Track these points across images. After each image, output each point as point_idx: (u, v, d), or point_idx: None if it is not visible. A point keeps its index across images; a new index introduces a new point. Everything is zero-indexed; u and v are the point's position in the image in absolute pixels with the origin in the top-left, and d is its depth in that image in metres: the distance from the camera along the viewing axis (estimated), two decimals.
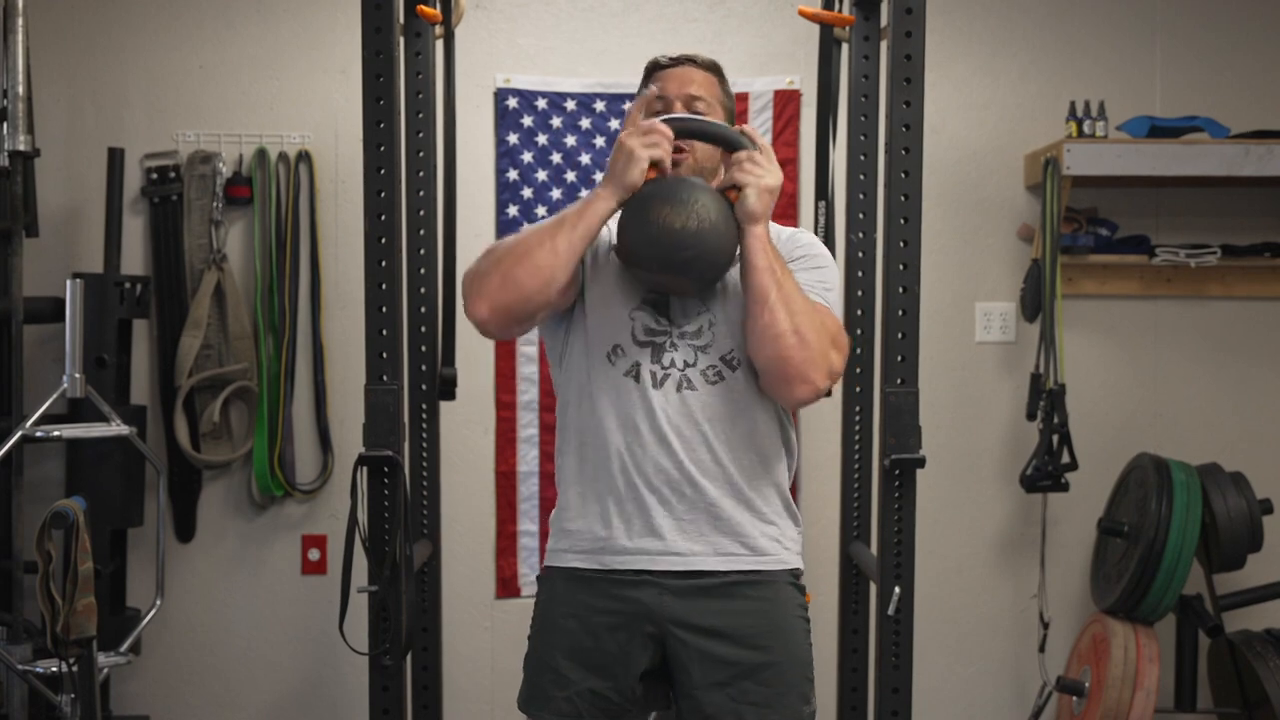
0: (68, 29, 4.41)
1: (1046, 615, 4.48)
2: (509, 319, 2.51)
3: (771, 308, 2.43)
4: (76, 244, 4.40)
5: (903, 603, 3.05)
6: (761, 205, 2.47)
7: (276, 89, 4.47)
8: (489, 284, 2.48)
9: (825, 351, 2.47)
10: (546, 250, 2.44)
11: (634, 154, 2.45)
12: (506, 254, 2.49)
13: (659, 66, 2.70)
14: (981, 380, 4.60)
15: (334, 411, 4.47)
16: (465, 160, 4.03)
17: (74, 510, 3.42)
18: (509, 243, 2.52)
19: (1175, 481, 4.17)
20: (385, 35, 2.99)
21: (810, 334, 2.44)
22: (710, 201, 2.45)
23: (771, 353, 2.45)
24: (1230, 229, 4.55)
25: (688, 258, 2.43)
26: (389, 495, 3.03)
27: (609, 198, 2.47)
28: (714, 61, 2.72)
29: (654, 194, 2.46)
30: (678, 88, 2.64)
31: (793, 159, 4.47)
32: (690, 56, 2.69)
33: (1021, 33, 4.58)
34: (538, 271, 2.45)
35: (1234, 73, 4.59)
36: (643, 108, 2.66)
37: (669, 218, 2.42)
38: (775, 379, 2.49)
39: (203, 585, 4.49)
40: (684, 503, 2.52)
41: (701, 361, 2.54)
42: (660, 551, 2.52)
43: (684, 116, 2.57)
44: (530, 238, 2.48)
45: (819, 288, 2.58)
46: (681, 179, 2.51)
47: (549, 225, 2.48)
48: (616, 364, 2.54)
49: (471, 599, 4.50)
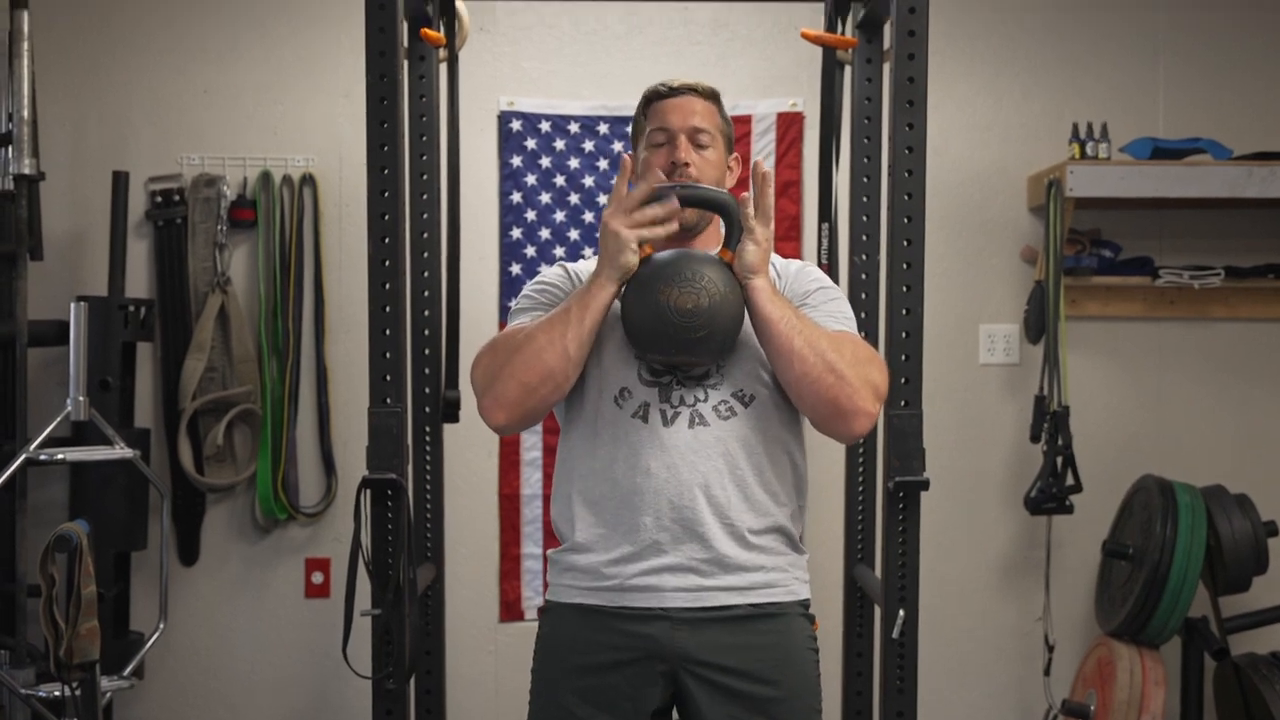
0: (73, 53, 4.43)
1: (1051, 638, 4.46)
2: (526, 421, 2.52)
3: (800, 356, 2.41)
4: (81, 267, 4.41)
5: (907, 626, 3.04)
6: (761, 258, 2.45)
7: (281, 112, 4.48)
8: (503, 391, 2.46)
9: (866, 378, 2.46)
10: (557, 352, 2.42)
11: (620, 236, 2.42)
12: (516, 356, 2.45)
13: (658, 96, 2.67)
14: (985, 402, 4.59)
15: (337, 434, 4.47)
16: (469, 183, 4.04)
17: (77, 534, 3.42)
18: (516, 341, 2.47)
19: (1180, 504, 4.17)
20: (389, 58, 3.00)
21: (846, 367, 2.43)
22: (714, 273, 2.41)
23: (815, 398, 2.44)
24: (1234, 250, 4.55)
25: (702, 337, 2.39)
26: (392, 518, 3.02)
27: (608, 284, 2.44)
28: (713, 89, 2.69)
29: (655, 276, 2.41)
30: (681, 119, 2.61)
31: (796, 181, 4.48)
32: (691, 85, 2.66)
33: (1024, 55, 4.59)
34: (550, 376, 2.44)
35: (1237, 94, 4.59)
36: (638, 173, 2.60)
37: (677, 300, 2.37)
38: (827, 420, 2.48)
39: (206, 608, 4.48)
40: (695, 539, 2.49)
41: (713, 398, 2.51)
42: (672, 588, 2.50)
43: (668, 186, 2.49)
44: (538, 338, 2.44)
45: (840, 316, 2.57)
46: (679, 254, 2.47)
47: (555, 322, 2.44)
48: (624, 406, 2.52)
49: (475, 622, 4.50)
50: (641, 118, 2.69)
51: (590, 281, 2.46)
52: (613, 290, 2.45)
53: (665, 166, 2.58)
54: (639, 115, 2.70)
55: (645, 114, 2.68)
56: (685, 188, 2.50)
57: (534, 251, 4.44)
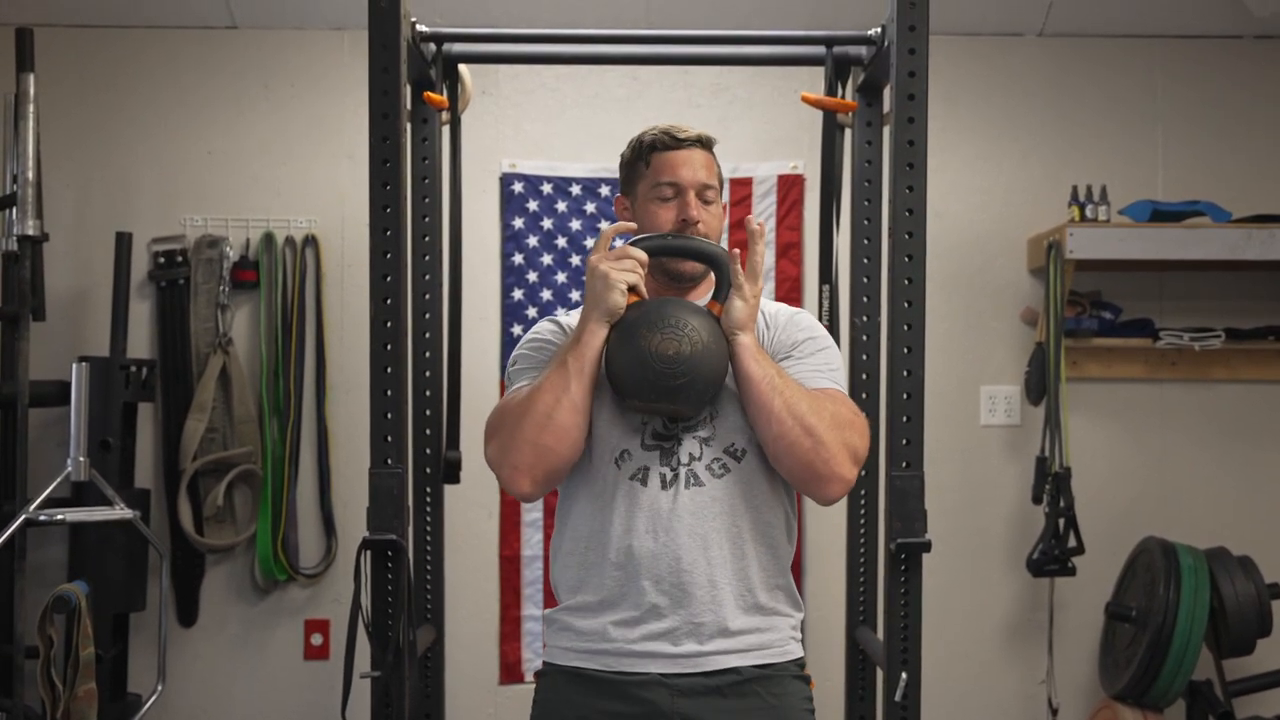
0: (77, 115, 4.46)
1: (1055, 701, 4.44)
2: (550, 482, 2.49)
3: (779, 418, 2.40)
4: (83, 327, 4.42)
5: (909, 689, 3.02)
6: (747, 314, 2.44)
7: (284, 174, 4.50)
8: (521, 459, 2.43)
9: (845, 442, 2.43)
10: (566, 408, 2.40)
11: (609, 277, 2.40)
12: (525, 421, 2.43)
13: (665, 146, 2.60)
14: (987, 463, 4.59)
15: (338, 495, 4.47)
16: (470, 244, 4.05)
17: (76, 595, 3.42)
18: (522, 406, 2.45)
19: (1183, 566, 4.15)
20: (392, 121, 3.02)
21: (824, 431, 2.40)
22: (698, 322, 2.40)
23: (791, 461, 2.42)
24: (1234, 312, 4.56)
25: (682, 384, 2.38)
26: (393, 579, 3.01)
27: (598, 328, 2.43)
28: (712, 137, 2.66)
29: (640, 321, 2.41)
30: (690, 174, 2.56)
31: (796, 243, 4.49)
32: (696, 137, 2.61)
33: (1023, 117, 4.62)
34: (566, 434, 2.42)
35: (1235, 157, 4.62)
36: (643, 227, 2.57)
37: (659, 345, 2.36)
38: (803, 483, 2.46)
39: (205, 670, 4.46)
40: (693, 603, 2.46)
41: (706, 455, 2.49)
42: (670, 655, 2.46)
43: (658, 237, 2.50)
44: (544, 398, 2.42)
45: (825, 369, 2.55)
46: (665, 301, 2.47)
47: (555, 377, 2.42)
48: (623, 468, 2.49)
49: (475, 684, 4.47)
50: (642, 165, 2.61)
51: (580, 328, 2.45)
52: (603, 334, 2.43)
53: (676, 224, 2.55)
54: (636, 160, 2.63)
55: (647, 162, 2.61)
56: (676, 237, 2.51)
57: (535, 313, 4.45)
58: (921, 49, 3.06)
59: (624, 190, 2.67)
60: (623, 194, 2.67)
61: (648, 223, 2.57)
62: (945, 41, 4.20)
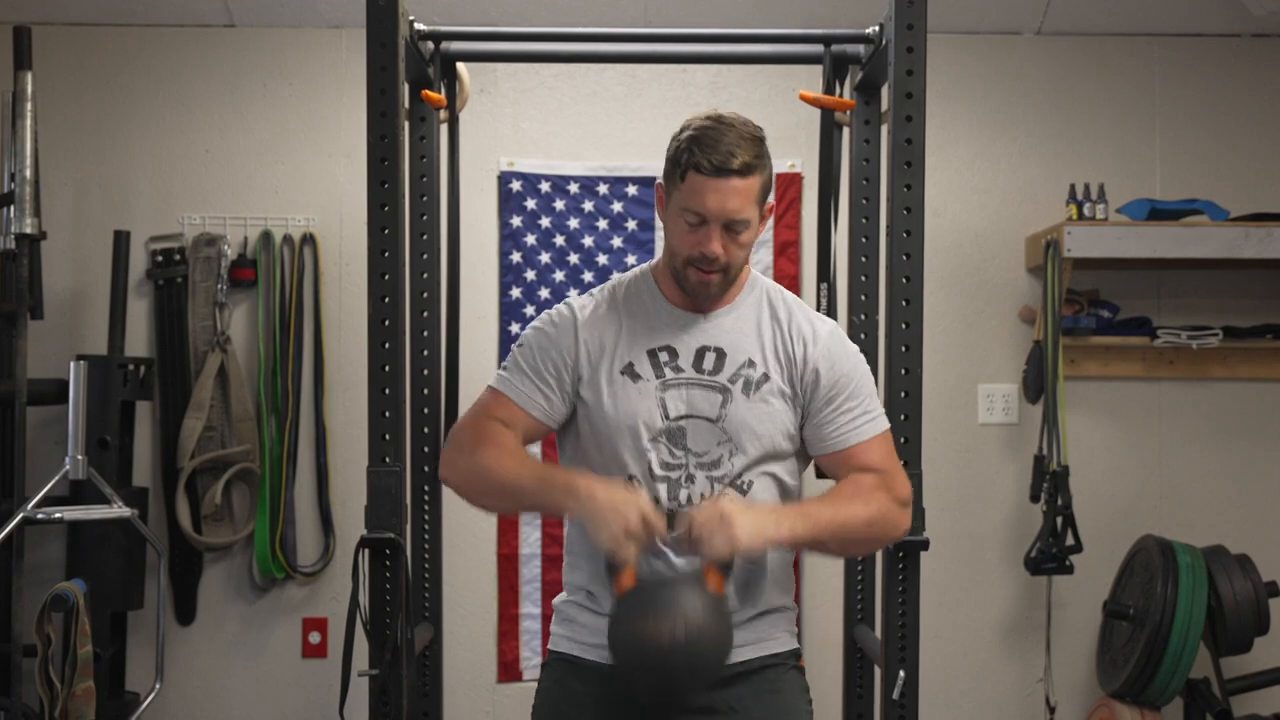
0: (75, 114, 4.46)
1: (1053, 699, 4.44)
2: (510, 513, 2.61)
3: (840, 544, 2.57)
4: (81, 326, 4.42)
5: (907, 687, 3.02)
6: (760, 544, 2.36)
7: (282, 172, 4.50)
8: (459, 481, 2.57)
9: (896, 502, 2.53)
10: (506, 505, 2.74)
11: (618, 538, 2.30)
12: (475, 477, 2.52)
13: (699, 170, 2.42)
14: (985, 462, 4.59)
15: (336, 493, 4.47)
16: (469, 242, 4.05)
17: (74, 593, 3.42)
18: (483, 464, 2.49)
19: (1180, 564, 4.15)
20: (390, 120, 3.02)
21: (876, 516, 2.48)
22: (695, 600, 2.27)
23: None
24: (1232, 310, 4.56)
25: (680, 674, 2.26)
26: (390, 578, 3.01)
27: (570, 515, 2.49)
28: (757, 150, 2.45)
29: (634, 607, 2.30)
30: (718, 206, 2.41)
31: (794, 241, 4.50)
32: (737, 169, 2.41)
33: (1021, 116, 4.62)
34: (492, 505, 2.67)
35: (1233, 156, 4.62)
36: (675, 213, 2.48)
37: (654, 633, 2.23)
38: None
39: (203, 669, 4.46)
40: None
41: (715, 490, 2.50)
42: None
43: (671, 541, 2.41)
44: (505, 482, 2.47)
45: (864, 417, 2.55)
46: (660, 581, 2.39)
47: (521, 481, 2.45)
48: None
49: (473, 683, 4.47)
50: (678, 176, 2.46)
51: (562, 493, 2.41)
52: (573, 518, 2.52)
53: (694, 254, 2.46)
54: (675, 167, 2.47)
55: (681, 177, 2.45)
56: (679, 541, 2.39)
57: (533, 311, 4.45)
58: (919, 47, 3.06)
59: (665, 180, 2.53)
60: (664, 184, 2.54)
61: (671, 236, 2.52)
62: (943, 40, 4.21)
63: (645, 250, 4.47)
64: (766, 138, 2.49)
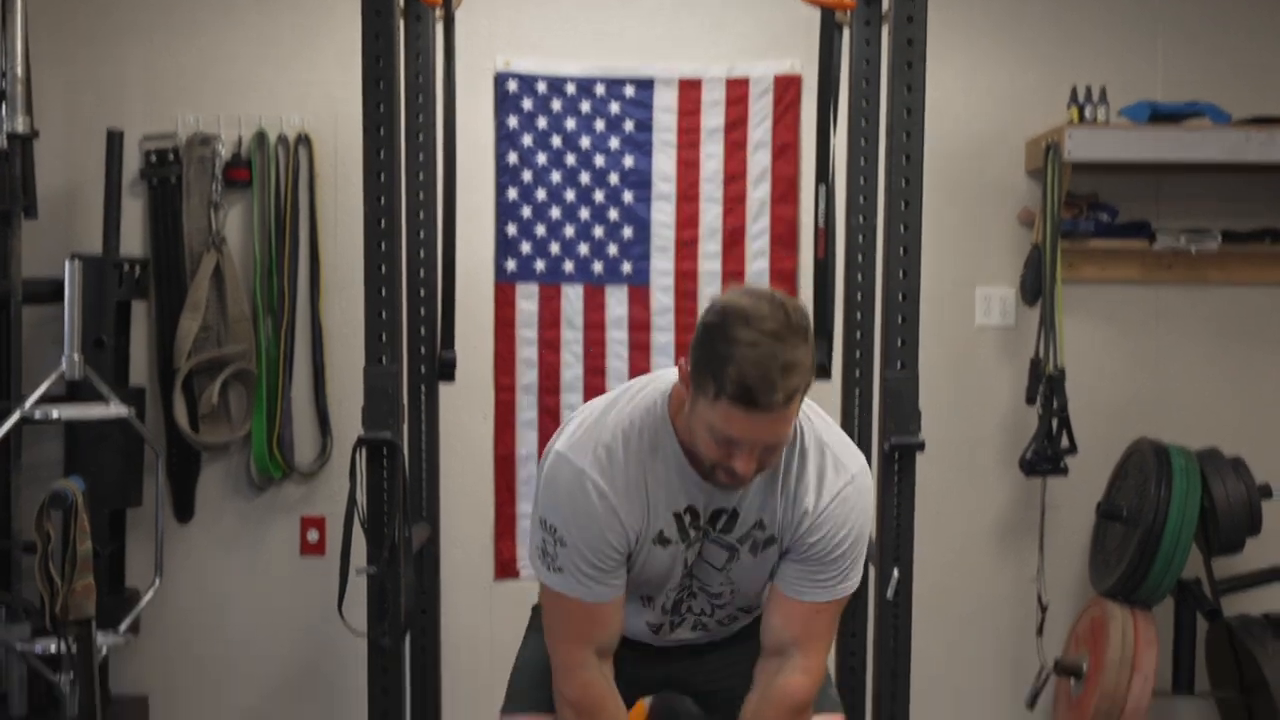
0: (67, 10, 4.40)
1: (1045, 598, 4.48)
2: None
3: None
4: (75, 226, 4.40)
5: (901, 586, 3.06)
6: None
7: (276, 72, 4.46)
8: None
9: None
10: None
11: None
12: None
13: (739, 402, 2.16)
14: (981, 365, 4.59)
15: (333, 393, 4.47)
16: (465, 143, 4.02)
17: (73, 491, 3.43)
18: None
19: (1174, 466, 4.18)
20: (385, 18, 2.99)
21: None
22: None
23: None
24: (1231, 215, 4.54)
25: None
26: (388, 477, 3.03)
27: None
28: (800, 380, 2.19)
29: None
30: (754, 438, 2.21)
31: (793, 143, 4.46)
32: (784, 399, 2.17)
33: (1023, 18, 4.56)
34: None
35: (1236, 59, 4.57)
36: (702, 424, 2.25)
37: None
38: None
39: (201, 565, 4.49)
40: None
41: (717, 614, 2.59)
42: (676, 643, 2.65)
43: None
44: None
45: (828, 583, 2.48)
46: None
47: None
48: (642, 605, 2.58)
49: (470, 581, 4.51)
50: (713, 391, 2.18)
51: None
52: None
53: (722, 461, 2.26)
54: (704, 377, 2.19)
55: (715, 395, 2.18)
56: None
57: (530, 212, 4.43)
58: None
59: (693, 373, 2.23)
60: (691, 374, 2.24)
61: (696, 440, 2.29)
62: None
63: (642, 151, 4.43)
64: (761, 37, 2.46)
